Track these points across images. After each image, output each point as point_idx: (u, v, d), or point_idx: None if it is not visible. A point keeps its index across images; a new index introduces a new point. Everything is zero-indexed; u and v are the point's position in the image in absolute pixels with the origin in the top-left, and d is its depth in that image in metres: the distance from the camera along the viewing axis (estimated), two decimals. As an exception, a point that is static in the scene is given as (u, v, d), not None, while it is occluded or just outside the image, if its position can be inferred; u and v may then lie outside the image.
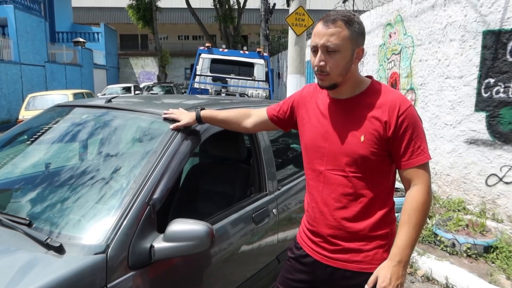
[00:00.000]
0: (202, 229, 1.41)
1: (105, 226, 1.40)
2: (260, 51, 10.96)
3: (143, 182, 1.52)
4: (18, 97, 14.62)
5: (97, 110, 2.12)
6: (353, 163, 1.40)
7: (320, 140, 1.47)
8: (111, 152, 1.82)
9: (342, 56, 1.36)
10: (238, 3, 24.06)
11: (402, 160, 1.39)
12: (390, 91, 1.43)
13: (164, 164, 1.59)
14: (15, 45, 14.63)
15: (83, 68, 22.13)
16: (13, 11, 14.61)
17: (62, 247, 1.32)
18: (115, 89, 18.81)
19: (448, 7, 4.81)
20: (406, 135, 1.36)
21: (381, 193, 1.45)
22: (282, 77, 17.12)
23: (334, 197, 1.45)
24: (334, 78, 1.39)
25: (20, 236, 1.39)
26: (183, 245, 1.41)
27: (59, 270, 1.25)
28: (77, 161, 1.88)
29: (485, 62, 4.28)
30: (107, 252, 1.33)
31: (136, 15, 24.93)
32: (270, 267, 2.13)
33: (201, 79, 10.86)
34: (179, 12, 34.80)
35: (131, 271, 1.38)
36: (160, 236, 1.44)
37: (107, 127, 1.95)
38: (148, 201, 1.48)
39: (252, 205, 2.03)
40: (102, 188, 1.60)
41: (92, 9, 35.44)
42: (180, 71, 32.66)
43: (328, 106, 1.49)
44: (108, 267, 1.32)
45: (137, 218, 1.44)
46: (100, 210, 1.50)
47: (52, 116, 2.23)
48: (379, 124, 1.37)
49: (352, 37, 1.36)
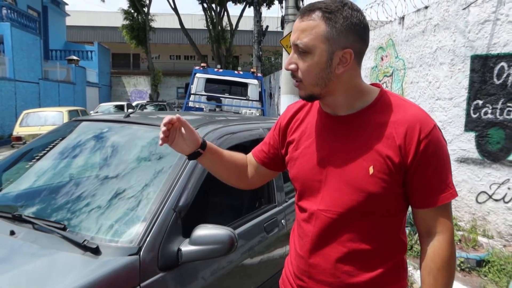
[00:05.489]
0: (226, 233, 1.53)
1: (137, 230, 1.51)
2: (254, 72, 11.24)
3: (169, 191, 1.64)
4: (12, 113, 14.61)
5: (116, 124, 2.25)
6: (358, 202, 1.07)
7: (314, 172, 1.13)
8: (136, 163, 1.94)
9: (314, 61, 1.03)
10: (231, 25, 24.59)
11: (421, 198, 1.06)
12: (406, 105, 1.08)
13: (186, 175, 1.72)
14: (11, 62, 14.72)
15: (76, 86, 22.22)
16: (10, 29, 14.77)
17: (99, 249, 1.43)
18: (107, 107, 18.91)
19: (437, 33, 5.08)
20: (429, 166, 1.03)
21: (393, 238, 1.14)
22: (274, 97, 17.41)
23: (332, 246, 1.12)
24: (309, 88, 1.07)
25: (57, 239, 1.49)
26: (208, 248, 1.52)
27: (97, 269, 1.35)
28: (103, 171, 1.99)
29: (473, 84, 4.52)
30: (139, 254, 1.44)
31: (129, 35, 25.27)
32: (279, 276, 2.24)
33: (196, 98, 11.05)
34: (171, 32, 35.35)
35: (161, 272, 1.48)
36: (186, 240, 1.56)
37: (129, 140, 2.08)
38: (174, 208, 1.60)
39: (263, 215, 2.15)
40: (132, 196, 1.72)
41: (85, 28, 35.82)
42: (172, 90, 32.97)
43: (322, 125, 1.14)
44: (141, 267, 1.43)
45: (164, 224, 1.55)
46: (131, 216, 1.61)
47: (71, 130, 2.35)
48: (393, 151, 1.03)
49: (329, 35, 1.00)
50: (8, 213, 1.69)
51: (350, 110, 1.10)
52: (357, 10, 1.03)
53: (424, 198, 1.06)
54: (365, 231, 1.10)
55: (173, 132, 1.24)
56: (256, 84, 11.19)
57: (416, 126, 1.03)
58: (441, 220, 1.07)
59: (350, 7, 1.02)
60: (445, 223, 1.07)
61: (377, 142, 1.05)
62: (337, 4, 1.02)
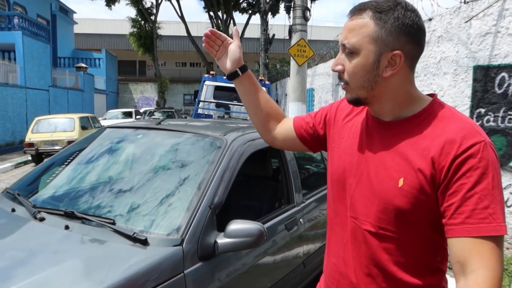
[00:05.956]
0: (257, 227, 1.73)
1: (179, 224, 1.72)
2: (262, 79, 11.48)
3: (204, 190, 1.86)
4: (22, 120, 14.92)
5: (150, 131, 2.48)
6: (385, 215, 0.99)
7: (347, 174, 1.10)
8: (172, 165, 2.16)
9: (360, 62, 0.98)
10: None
11: (451, 222, 0.89)
12: (456, 117, 0.97)
13: (219, 176, 1.93)
14: (22, 70, 15.05)
15: (84, 93, 22.58)
16: (21, 37, 15.12)
17: (147, 240, 1.64)
18: (115, 113, 19.25)
19: (441, 44, 5.30)
20: (464, 185, 0.88)
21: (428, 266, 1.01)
22: (280, 104, 17.65)
23: (358, 259, 1.07)
24: (354, 91, 1.03)
25: (108, 232, 1.71)
26: (240, 240, 1.72)
27: (148, 258, 1.56)
28: (142, 172, 2.20)
29: (476, 93, 4.72)
30: (182, 245, 1.65)
31: (137, 42, 25.70)
32: (298, 270, 2.45)
33: (204, 105, 11.29)
34: (177, 39, 35.81)
35: (200, 262, 1.69)
36: (221, 234, 1.77)
37: (164, 144, 2.31)
38: (210, 205, 1.81)
39: (283, 214, 2.36)
40: (171, 194, 1.93)
41: (92, 36, 36.35)
42: (179, 97, 33.37)
43: (366, 127, 1.10)
44: (184, 257, 1.64)
45: (202, 219, 1.76)
46: (172, 212, 1.83)
47: (106, 136, 2.58)
48: (426, 164, 0.93)
49: (378, 35, 0.95)
50: (61, 210, 1.91)
51: (395, 117, 1.03)
52: (411, 11, 0.96)
53: (454, 223, 0.89)
54: (394, 250, 1.00)
55: (222, 48, 1.34)
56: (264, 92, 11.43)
57: (457, 139, 0.91)
58: (480, 255, 0.85)
59: (404, 7, 0.96)
60: (486, 258, 0.85)
61: (413, 154, 0.96)
62: (389, 4, 0.96)
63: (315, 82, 12.20)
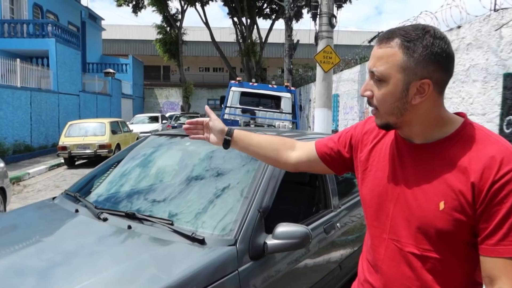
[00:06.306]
0: (303, 230, 1.88)
1: (232, 226, 1.89)
2: (287, 85, 11.66)
3: (253, 195, 2.02)
4: (55, 124, 15.52)
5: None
6: (425, 237, 1.02)
7: (383, 198, 1.12)
8: (221, 170, 2.33)
9: (389, 90, 1.00)
10: (260, 38, 25.19)
11: (487, 243, 0.95)
12: (491, 139, 0.99)
13: (266, 182, 2.09)
14: (55, 76, 15.68)
15: (112, 98, 23.28)
16: (55, 44, 15.77)
17: (204, 240, 1.81)
18: (142, 118, 19.79)
19: (470, 51, 5.33)
20: (501, 208, 0.92)
21: (462, 283, 1.05)
22: (304, 110, 17.76)
23: (399, 280, 1.09)
24: (384, 117, 1.05)
25: (167, 232, 1.89)
26: (288, 242, 1.87)
27: (207, 256, 1.73)
28: (194, 177, 2.39)
29: (506, 101, 4.75)
30: (236, 245, 1.82)
31: (162, 48, 26.28)
32: (334, 273, 2.58)
33: (231, 110, 11.52)
34: (200, 45, 36.41)
35: (252, 261, 1.85)
36: (269, 235, 1.92)
37: (213, 151, 2.49)
38: (259, 209, 1.98)
39: (322, 219, 2.50)
40: (222, 198, 2.11)
41: (118, 41, 37.34)
42: (203, 101, 33.91)
43: (397, 151, 1.11)
44: (238, 255, 1.80)
45: (252, 221, 1.92)
46: (225, 214, 2.00)
47: (155, 143, 2.78)
48: (466, 188, 0.96)
49: (406, 64, 0.97)
50: (121, 211, 2.11)
51: (427, 140, 1.05)
52: (440, 38, 0.97)
53: (489, 243, 0.94)
54: (433, 271, 1.03)
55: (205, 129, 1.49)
56: (289, 98, 11.58)
57: (495, 163, 0.93)
58: (509, 274, 0.93)
59: (432, 35, 0.96)
60: None
61: (451, 177, 0.98)
62: (418, 32, 0.97)
63: (340, 88, 12.27)
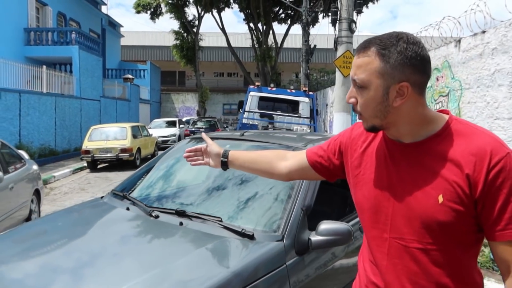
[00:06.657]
0: (345, 227, 1.97)
1: (278, 223, 2.00)
2: (305, 90, 11.77)
3: (296, 194, 2.13)
4: (77, 128, 15.91)
5: (235, 141, 2.79)
6: (428, 231, 1.07)
7: (380, 198, 1.15)
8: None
9: (370, 95, 1.06)
10: (276, 44, 25.34)
11: (495, 229, 1.01)
12: (477, 132, 1.06)
13: (307, 182, 2.20)
14: (78, 82, 16.09)
15: (131, 103, 23.70)
16: (78, 51, 16.20)
17: (254, 236, 1.92)
18: (159, 122, 20.14)
19: (495, 56, 5.36)
20: (500, 195, 0.99)
21: (467, 276, 1.12)
22: (321, 114, 17.81)
23: (408, 277, 1.12)
24: (369, 120, 1.11)
25: (217, 228, 2.01)
26: (331, 238, 1.97)
27: (257, 250, 1.85)
28: (237, 177, 2.51)
29: (532, 105, 4.76)
30: (283, 240, 1.93)
31: (179, 54, 26.67)
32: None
33: (249, 115, 11.68)
34: (215, 50, 36.80)
35: (297, 256, 1.96)
36: (313, 232, 2.02)
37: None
38: (302, 207, 2.08)
39: (356, 219, 2.59)
40: (267, 197, 2.23)
41: (135, 47, 37.99)
42: (218, 106, 34.23)
43: (388, 152, 1.16)
44: (285, 250, 1.91)
45: (296, 219, 2.03)
46: (271, 212, 2.11)
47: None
48: (461, 180, 1.02)
49: (383, 70, 1.03)
50: (172, 209, 2.24)
51: (415, 138, 1.10)
52: (413, 43, 1.04)
53: (498, 229, 1.01)
54: (439, 263, 1.08)
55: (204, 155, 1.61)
56: (307, 102, 11.69)
57: (486, 153, 1.00)
58: None
59: (406, 41, 1.03)
60: None
61: (445, 171, 1.04)
62: (392, 39, 1.04)
63: (358, 92, 12.29)
